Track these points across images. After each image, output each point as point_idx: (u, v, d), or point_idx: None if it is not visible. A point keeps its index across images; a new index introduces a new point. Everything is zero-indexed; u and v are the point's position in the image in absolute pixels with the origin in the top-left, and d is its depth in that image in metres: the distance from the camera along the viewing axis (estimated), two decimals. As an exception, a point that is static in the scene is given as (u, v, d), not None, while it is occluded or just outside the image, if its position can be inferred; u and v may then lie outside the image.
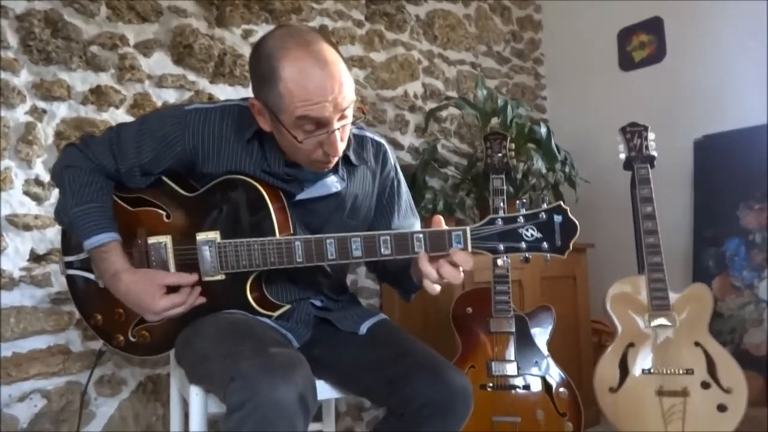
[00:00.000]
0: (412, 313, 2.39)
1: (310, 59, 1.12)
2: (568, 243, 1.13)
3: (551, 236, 1.13)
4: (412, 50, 2.82)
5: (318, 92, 1.12)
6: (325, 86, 1.12)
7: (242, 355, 1.04)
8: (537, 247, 1.14)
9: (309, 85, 1.12)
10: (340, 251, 1.19)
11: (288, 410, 0.98)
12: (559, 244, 1.14)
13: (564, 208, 1.14)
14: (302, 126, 1.16)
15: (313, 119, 1.15)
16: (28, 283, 1.73)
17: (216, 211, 1.29)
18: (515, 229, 1.14)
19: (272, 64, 1.13)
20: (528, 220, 1.14)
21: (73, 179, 1.28)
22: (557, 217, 1.13)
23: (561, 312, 2.49)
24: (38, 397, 1.73)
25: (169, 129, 1.27)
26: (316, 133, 1.17)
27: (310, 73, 1.12)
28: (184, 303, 1.26)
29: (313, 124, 1.16)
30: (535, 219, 1.14)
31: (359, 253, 1.19)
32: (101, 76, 1.90)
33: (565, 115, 3.39)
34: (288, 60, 1.12)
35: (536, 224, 1.14)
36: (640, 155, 2.10)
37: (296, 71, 1.12)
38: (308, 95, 1.12)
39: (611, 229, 2.94)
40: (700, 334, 1.92)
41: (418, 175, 2.48)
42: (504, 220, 1.15)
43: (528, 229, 1.14)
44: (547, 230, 1.13)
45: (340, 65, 1.15)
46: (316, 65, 1.12)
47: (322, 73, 1.12)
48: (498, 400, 1.86)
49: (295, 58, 1.12)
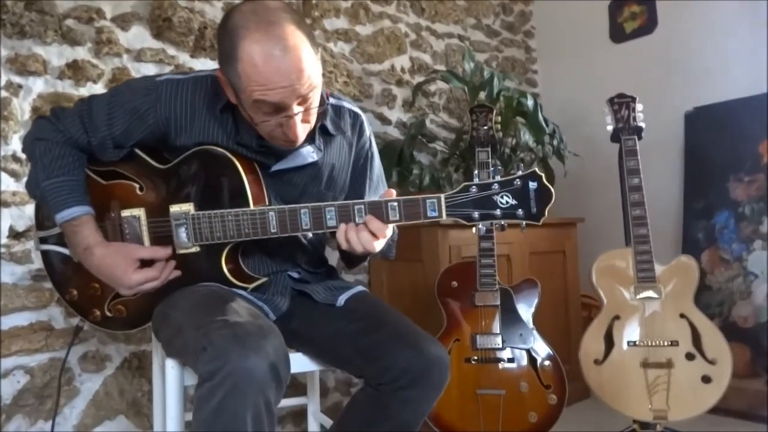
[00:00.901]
0: (400, 288, 2.39)
1: (269, 43, 1.08)
2: (543, 210, 1.12)
3: (526, 203, 1.12)
4: (398, 23, 2.78)
5: (274, 78, 1.09)
6: (282, 72, 1.09)
7: (213, 325, 1.03)
8: (512, 214, 1.13)
9: (265, 70, 1.08)
10: (314, 221, 1.18)
11: (259, 379, 0.97)
12: (535, 211, 1.12)
13: (539, 175, 1.12)
14: (260, 108, 1.14)
15: (270, 104, 1.12)
16: (8, 260, 1.72)
17: (190, 182, 1.28)
18: (490, 197, 1.13)
19: (233, 42, 1.10)
20: (503, 186, 1.13)
21: (43, 152, 1.27)
22: (532, 183, 1.12)
23: (550, 287, 2.50)
24: (21, 373, 1.73)
25: (141, 101, 1.25)
26: (275, 117, 1.15)
27: (268, 58, 1.08)
28: (158, 277, 1.25)
29: (270, 108, 1.13)
30: (510, 186, 1.13)
31: (334, 223, 1.18)
32: (78, 50, 1.87)
33: (556, 88, 3.36)
34: (247, 41, 1.09)
35: (511, 191, 1.13)
36: (628, 127, 2.07)
37: (254, 54, 1.08)
38: (264, 80, 1.09)
39: (602, 202, 2.93)
40: (685, 306, 1.91)
41: (405, 149, 2.46)
42: (479, 188, 1.13)
43: (503, 196, 1.13)
44: (522, 197, 1.12)
45: (302, 50, 1.11)
46: (274, 49, 1.08)
47: (280, 59, 1.08)
48: (482, 373, 1.86)
49: (254, 40, 1.08)
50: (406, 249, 2.31)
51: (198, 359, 1.00)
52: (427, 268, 2.23)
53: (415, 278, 2.31)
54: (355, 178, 1.43)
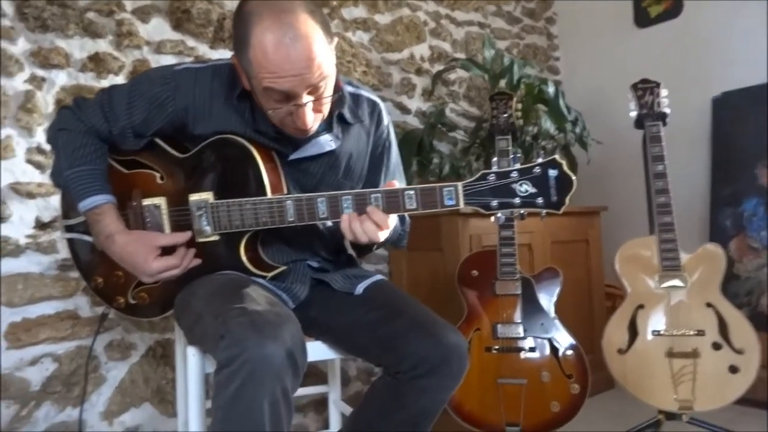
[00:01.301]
0: (420, 278, 2.39)
1: (280, 31, 1.07)
2: (564, 198, 1.10)
3: (546, 191, 1.10)
4: (417, 11, 2.76)
5: (284, 66, 1.09)
6: (292, 61, 1.08)
7: (231, 313, 1.04)
8: (531, 203, 1.11)
9: (275, 57, 1.08)
10: (331, 209, 1.18)
11: (276, 366, 0.98)
12: (555, 200, 1.10)
13: (559, 162, 1.10)
14: (270, 96, 1.14)
15: (279, 92, 1.12)
16: (34, 250, 1.76)
17: (209, 171, 1.28)
18: (508, 185, 1.11)
19: (246, 28, 1.10)
20: (522, 174, 1.11)
21: (66, 142, 1.29)
22: (552, 171, 1.10)
23: (573, 276, 2.47)
24: (49, 360, 1.77)
25: (160, 89, 1.26)
26: (284, 105, 1.15)
27: (277, 46, 1.08)
28: (179, 265, 1.27)
29: (280, 96, 1.13)
30: (529, 173, 1.11)
31: (351, 211, 1.17)
32: (99, 42, 1.89)
33: (579, 75, 3.30)
34: (259, 28, 1.08)
35: (530, 179, 1.11)
36: (652, 113, 2.02)
37: (264, 42, 1.08)
38: (274, 68, 1.09)
39: (626, 191, 2.88)
40: (711, 295, 1.87)
41: (425, 139, 2.44)
42: (497, 176, 1.12)
43: (522, 184, 1.11)
44: (542, 185, 1.10)
45: (313, 39, 1.10)
46: (284, 38, 1.07)
47: (290, 47, 1.07)
48: (504, 362, 1.85)
49: (265, 27, 1.08)
50: (426, 238, 2.31)
51: (216, 346, 1.01)
52: (447, 257, 2.22)
53: (435, 267, 2.30)
54: (372, 167, 1.42)
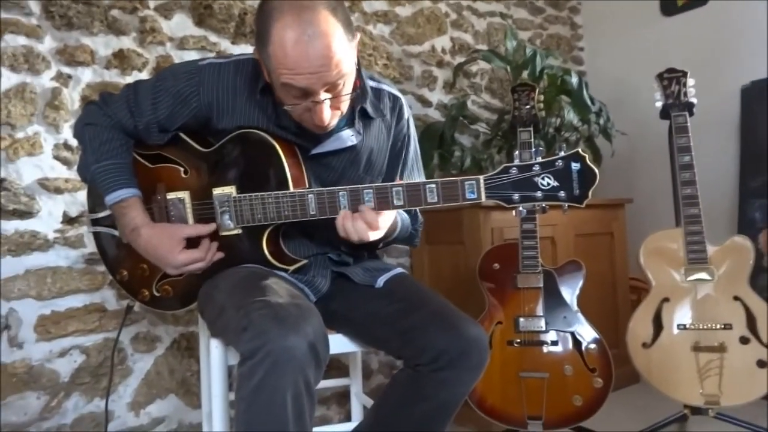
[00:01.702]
0: (442, 271, 2.38)
1: (299, 28, 1.07)
2: (586, 192, 1.09)
3: (569, 185, 1.09)
4: (439, 3, 2.74)
5: (302, 63, 1.09)
6: (309, 58, 1.08)
7: (254, 305, 1.05)
8: (554, 197, 1.10)
9: (293, 54, 1.08)
10: (352, 203, 1.19)
11: (299, 358, 0.99)
12: (578, 193, 1.09)
13: (582, 155, 1.09)
14: (288, 92, 1.14)
15: (297, 88, 1.12)
16: (62, 245, 1.79)
17: (232, 166, 1.30)
18: (530, 178, 1.11)
19: (267, 23, 1.11)
20: (544, 168, 1.10)
21: (93, 137, 1.31)
22: (575, 164, 1.09)
23: (597, 269, 2.44)
24: (77, 352, 1.81)
25: (184, 84, 1.28)
26: (302, 101, 1.15)
27: (296, 43, 1.08)
28: (204, 258, 1.28)
29: (298, 92, 1.14)
30: (552, 167, 1.10)
31: (372, 205, 1.18)
32: (123, 39, 1.91)
33: (604, 65, 3.25)
34: (279, 24, 1.09)
35: (553, 172, 1.10)
36: (678, 102, 1.99)
37: (283, 38, 1.08)
38: (292, 64, 1.09)
39: (651, 183, 2.83)
40: (739, 288, 1.84)
41: (446, 131, 2.43)
42: (519, 169, 1.11)
43: (544, 177, 1.10)
44: (564, 178, 1.09)
45: (333, 37, 1.09)
46: (303, 35, 1.07)
47: (309, 44, 1.08)
48: (526, 355, 1.84)
49: (285, 24, 1.08)
50: (448, 231, 2.30)
51: (239, 338, 1.02)
52: (468, 251, 2.21)
53: (457, 261, 2.29)
54: (391, 162, 1.42)
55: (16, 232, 1.73)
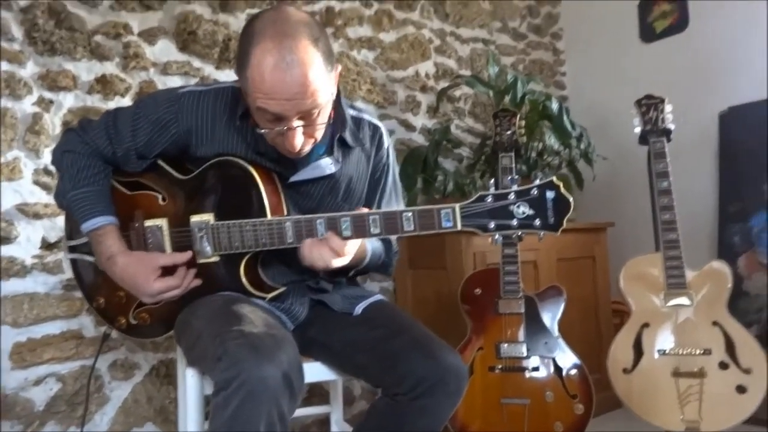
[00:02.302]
0: (425, 296, 2.38)
1: (279, 54, 1.08)
2: (561, 220, 1.11)
3: (544, 213, 1.11)
4: (422, 29, 2.77)
5: (277, 89, 1.10)
6: (285, 85, 1.09)
7: (230, 335, 1.05)
8: (529, 225, 1.11)
9: (269, 79, 1.09)
10: (330, 231, 1.18)
11: (273, 389, 0.99)
12: (552, 222, 1.11)
13: (556, 184, 1.11)
14: (263, 116, 1.15)
15: (270, 113, 1.13)
16: (41, 270, 1.78)
17: (210, 193, 1.30)
18: (506, 206, 1.12)
19: (248, 46, 1.12)
20: (519, 196, 1.12)
21: (71, 163, 1.30)
22: (549, 193, 1.10)
23: (579, 293, 2.45)
24: (53, 380, 1.78)
25: (164, 112, 1.28)
26: (275, 126, 1.16)
27: (273, 68, 1.08)
28: (180, 286, 1.28)
29: (271, 117, 1.14)
30: (527, 195, 1.11)
31: (349, 233, 1.18)
32: (106, 65, 1.92)
33: (586, 90, 3.30)
34: (259, 48, 1.10)
35: (528, 201, 1.11)
36: (656, 128, 2.02)
37: (261, 62, 1.09)
38: (267, 89, 1.10)
39: (633, 207, 2.86)
40: (718, 313, 1.85)
41: (429, 156, 2.44)
42: (494, 197, 1.12)
43: (519, 206, 1.12)
44: (539, 207, 1.11)
45: (310, 66, 1.10)
46: (281, 62, 1.08)
47: (285, 72, 1.08)
48: (507, 382, 1.83)
49: (265, 49, 1.09)
50: (430, 256, 2.30)
51: (214, 368, 1.02)
52: (451, 276, 2.21)
53: (440, 286, 2.29)
54: (370, 190, 1.43)
55: (-7, 258, 1.71)
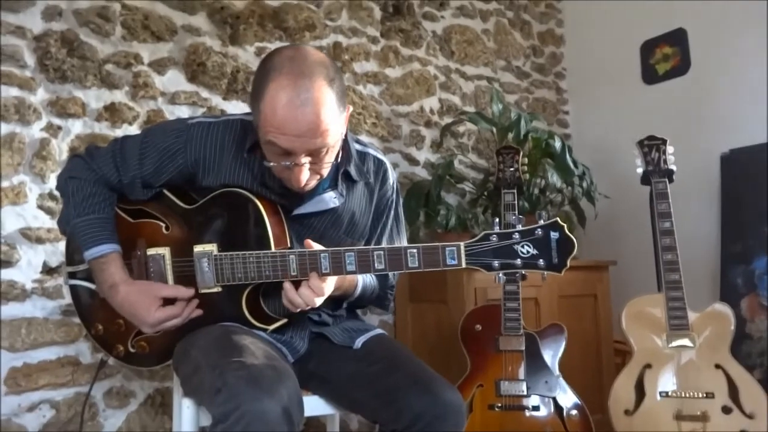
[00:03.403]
0: (425, 329, 2.36)
1: (293, 92, 1.10)
2: (565, 260, 1.11)
3: (548, 253, 1.11)
4: (428, 66, 2.82)
5: (288, 126, 1.11)
6: (297, 123, 1.11)
7: (230, 366, 1.04)
8: (533, 264, 1.12)
9: (282, 115, 1.11)
10: (333, 265, 1.19)
11: (271, 423, 0.98)
12: (556, 261, 1.12)
13: (561, 225, 1.11)
14: (271, 149, 1.17)
15: (280, 147, 1.15)
16: (40, 295, 1.78)
17: (214, 223, 1.30)
18: (510, 246, 1.13)
19: (263, 80, 1.14)
20: (524, 236, 1.12)
21: (76, 190, 1.31)
22: (554, 233, 1.11)
23: (581, 331, 2.43)
24: (47, 407, 1.76)
25: (172, 141, 1.29)
26: (283, 160, 1.17)
27: (286, 104, 1.10)
28: (180, 315, 1.27)
29: (280, 150, 1.16)
30: (531, 235, 1.12)
31: (353, 268, 1.18)
32: (115, 93, 1.95)
33: (588, 129, 3.33)
34: (275, 84, 1.11)
35: (532, 240, 1.12)
36: (658, 169, 2.04)
37: (275, 97, 1.11)
38: (279, 125, 1.12)
39: (635, 245, 2.85)
40: (721, 356, 1.84)
41: (432, 190, 2.46)
42: (499, 236, 1.13)
43: (524, 245, 1.12)
44: (543, 247, 1.11)
45: (323, 107, 1.11)
46: (296, 99, 1.10)
47: (299, 110, 1.10)
48: (506, 420, 1.81)
49: (281, 85, 1.11)
50: (431, 290, 2.29)
51: (213, 400, 1.01)
52: (452, 310, 2.20)
53: (441, 320, 2.28)
54: (374, 224, 1.44)
55: (-7, 281, 1.71)
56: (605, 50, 3.24)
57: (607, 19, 3.23)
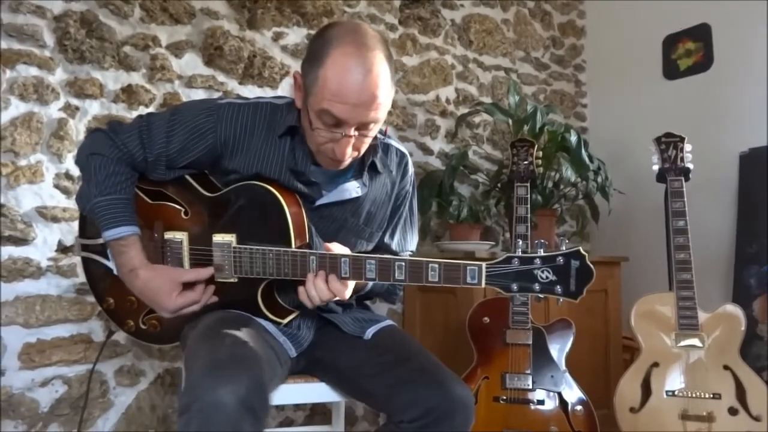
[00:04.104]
0: (433, 320, 2.37)
1: (358, 60, 1.12)
2: (582, 289, 1.11)
3: (566, 280, 1.11)
4: (445, 55, 2.80)
5: (348, 94, 1.12)
6: (357, 91, 1.12)
7: (198, 355, 1.05)
8: (551, 290, 1.12)
9: (343, 83, 1.12)
10: (354, 271, 1.18)
11: (228, 413, 0.97)
12: (573, 289, 1.11)
13: (582, 254, 1.10)
14: (322, 117, 1.17)
15: (333, 116, 1.15)
16: (54, 273, 1.80)
17: (234, 213, 1.28)
18: (531, 270, 1.12)
19: (324, 48, 1.14)
20: (545, 262, 1.12)
21: (99, 168, 1.28)
22: (575, 262, 1.10)
23: (590, 327, 2.42)
24: (59, 383, 1.80)
25: (203, 120, 1.27)
26: (331, 130, 1.17)
27: (350, 72, 1.12)
28: (199, 301, 1.27)
29: (332, 120, 1.16)
30: (552, 262, 1.11)
31: (373, 275, 1.18)
32: (132, 75, 1.96)
33: (606, 123, 3.30)
34: (338, 50, 1.13)
35: (553, 267, 1.11)
36: (674, 167, 2.01)
37: (339, 66, 1.12)
38: (338, 93, 1.13)
39: (648, 242, 2.83)
40: (729, 358, 1.82)
41: (445, 180, 2.45)
42: (521, 260, 1.12)
43: (544, 271, 1.12)
44: (562, 274, 1.11)
45: (382, 80, 1.14)
46: (359, 67, 1.12)
47: (361, 78, 1.12)
48: (511, 413, 1.81)
49: (345, 53, 1.12)
50: (441, 281, 2.29)
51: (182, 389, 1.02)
52: (460, 301, 2.20)
53: (448, 310, 2.28)
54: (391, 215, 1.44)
55: (9, 258, 1.74)
56: (627, 43, 3.20)
57: (629, 11, 3.18)
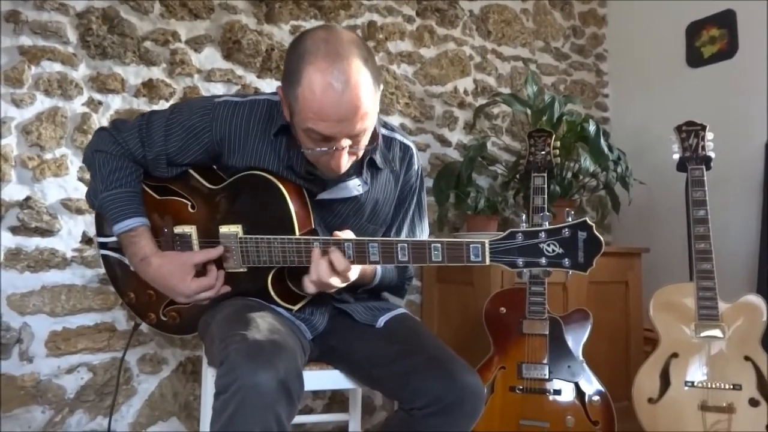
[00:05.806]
0: (451, 310, 2.38)
1: (332, 75, 1.08)
2: (591, 260, 1.08)
3: (574, 252, 1.08)
4: (463, 46, 2.79)
5: (329, 111, 1.10)
6: (338, 107, 1.09)
7: (233, 339, 1.07)
8: (558, 263, 1.09)
9: (321, 100, 1.09)
10: (357, 255, 1.19)
11: (267, 395, 1.00)
12: (582, 261, 1.08)
13: (589, 225, 1.08)
14: (309, 135, 1.15)
15: (319, 134, 1.13)
16: (79, 264, 1.85)
17: (239, 205, 1.31)
18: (536, 244, 1.10)
19: (299, 64, 1.11)
20: (550, 235, 1.09)
21: (102, 164, 1.31)
22: (582, 233, 1.08)
23: (610, 318, 2.41)
24: (85, 370, 1.85)
25: (198, 120, 1.29)
26: (322, 146, 1.16)
27: (327, 89, 1.08)
28: (213, 285, 1.29)
29: (319, 137, 1.14)
30: (558, 235, 1.09)
31: (376, 258, 1.18)
32: (153, 70, 2.00)
33: (628, 113, 3.25)
34: (312, 68, 1.09)
35: (559, 240, 1.09)
36: (695, 156, 1.98)
37: (314, 82, 1.09)
38: (318, 110, 1.10)
39: (669, 233, 2.79)
40: (751, 348, 1.80)
41: (463, 172, 2.45)
42: (525, 235, 1.10)
43: (549, 244, 1.10)
44: (570, 246, 1.08)
45: (362, 89, 1.10)
46: (336, 82, 1.08)
47: (339, 93, 1.08)
48: (527, 403, 1.81)
49: (319, 68, 1.09)
50: (458, 271, 2.30)
51: (217, 372, 1.04)
52: (477, 292, 2.21)
53: (466, 301, 2.29)
54: (396, 211, 1.43)
55: (36, 249, 1.79)
56: (649, 31, 3.14)
57: (652, -2, 3.13)
